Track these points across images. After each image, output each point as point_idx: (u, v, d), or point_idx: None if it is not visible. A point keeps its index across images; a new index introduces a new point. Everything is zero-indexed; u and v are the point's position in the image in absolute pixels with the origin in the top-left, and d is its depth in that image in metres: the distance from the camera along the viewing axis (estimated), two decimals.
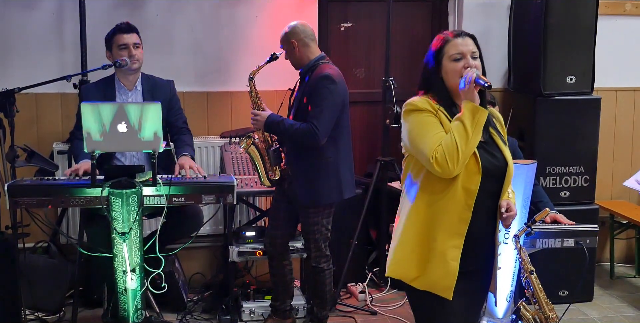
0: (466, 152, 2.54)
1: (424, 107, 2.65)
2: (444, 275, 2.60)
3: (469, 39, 2.69)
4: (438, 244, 2.61)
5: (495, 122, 2.79)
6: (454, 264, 2.59)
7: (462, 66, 2.63)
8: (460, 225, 2.60)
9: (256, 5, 4.93)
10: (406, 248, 2.68)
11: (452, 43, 2.67)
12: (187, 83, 4.81)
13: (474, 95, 2.58)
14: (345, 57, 5.34)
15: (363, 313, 4.61)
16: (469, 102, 2.58)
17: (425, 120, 2.64)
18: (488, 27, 5.17)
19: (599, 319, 4.58)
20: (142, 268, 3.60)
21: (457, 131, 2.55)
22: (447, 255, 2.59)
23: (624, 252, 5.57)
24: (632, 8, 5.35)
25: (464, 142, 2.53)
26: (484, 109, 2.59)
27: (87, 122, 3.42)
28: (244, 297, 4.52)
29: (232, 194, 3.67)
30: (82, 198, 3.54)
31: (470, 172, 2.59)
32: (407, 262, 2.67)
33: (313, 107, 3.88)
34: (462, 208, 2.59)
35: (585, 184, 4.81)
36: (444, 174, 2.56)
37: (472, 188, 2.59)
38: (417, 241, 2.65)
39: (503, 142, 2.74)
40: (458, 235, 2.60)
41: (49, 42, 4.70)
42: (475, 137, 2.56)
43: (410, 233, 2.67)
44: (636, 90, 5.49)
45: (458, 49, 2.65)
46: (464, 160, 2.55)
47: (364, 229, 4.96)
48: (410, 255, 2.66)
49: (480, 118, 2.57)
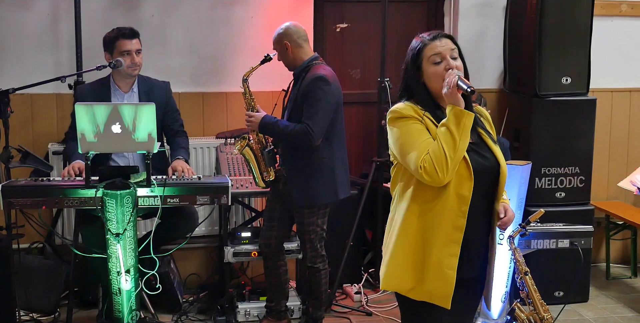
0: (455, 158, 2.47)
1: (409, 114, 2.57)
2: (441, 284, 2.54)
3: (445, 39, 2.60)
4: (434, 253, 2.54)
5: (484, 121, 2.72)
6: (451, 273, 2.53)
7: (444, 68, 2.55)
8: (455, 233, 2.53)
9: (252, 6, 4.93)
10: (399, 259, 2.61)
11: (430, 46, 2.59)
12: (182, 83, 4.81)
13: (458, 98, 2.49)
14: (341, 57, 5.34)
15: (358, 314, 4.61)
16: (453, 106, 2.48)
17: (411, 128, 2.55)
18: (484, 28, 5.17)
19: (595, 320, 4.58)
20: (137, 269, 3.61)
21: (444, 138, 2.47)
22: (444, 264, 2.53)
23: (620, 252, 5.57)
24: (627, 9, 5.35)
25: (451, 149, 2.45)
26: (470, 111, 2.50)
27: (82, 123, 3.43)
28: (239, 298, 4.51)
29: (227, 195, 3.68)
30: (77, 199, 3.55)
31: (462, 177, 2.51)
32: (402, 273, 2.60)
33: (307, 108, 3.87)
34: (455, 215, 2.52)
35: (580, 185, 4.81)
36: (434, 183, 2.49)
37: (465, 194, 2.52)
38: (412, 251, 2.58)
39: (493, 141, 2.66)
40: (454, 243, 2.53)
41: (44, 42, 4.69)
42: (463, 143, 2.48)
43: (404, 244, 2.59)
44: (632, 91, 5.49)
45: (436, 51, 2.57)
46: (453, 167, 2.47)
47: (360, 230, 4.96)
48: (405, 266, 2.59)
49: (466, 122, 2.48)
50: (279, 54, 4.05)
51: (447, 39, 2.61)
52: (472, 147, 2.58)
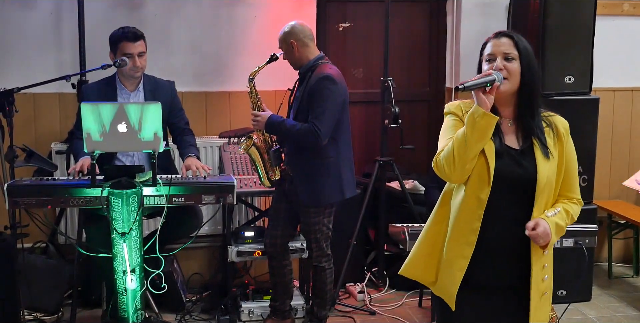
0: (463, 156, 2.44)
1: (452, 111, 2.59)
2: (448, 283, 2.58)
3: (505, 38, 2.52)
4: (448, 252, 2.58)
5: (549, 131, 2.57)
6: (459, 274, 2.54)
7: (490, 67, 2.50)
8: (469, 235, 2.52)
9: (255, 5, 4.93)
10: (424, 251, 2.68)
11: (489, 44, 2.54)
12: (186, 83, 4.80)
13: (480, 98, 2.42)
14: (344, 57, 5.34)
15: (362, 313, 4.61)
16: (476, 106, 2.43)
17: (448, 124, 2.58)
18: (486, 27, 5.15)
19: (598, 319, 4.59)
20: (142, 268, 3.60)
21: (457, 136, 2.47)
22: (454, 265, 2.55)
23: (622, 251, 5.57)
24: (630, 8, 5.36)
25: (460, 148, 2.44)
26: (489, 114, 2.41)
27: (87, 122, 3.42)
28: (242, 297, 4.51)
29: (232, 194, 3.68)
30: (82, 198, 3.54)
31: (481, 180, 2.49)
32: (424, 265, 2.67)
33: (314, 108, 3.87)
34: (472, 217, 2.51)
35: (583, 184, 4.80)
36: (444, 178, 2.54)
37: (482, 198, 2.49)
38: (436, 247, 2.64)
39: (545, 154, 2.52)
40: (468, 245, 2.53)
41: (47, 42, 4.69)
42: (474, 142, 2.43)
43: (432, 238, 2.66)
44: (634, 90, 5.50)
45: (490, 50, 2.52)
46: (461, 165, 2.45)
47: (363, 229, 4.96)
48: (428, 260, 2.66)
49: (482, 123, 2.41)
50: (285, 52, 4.04)
51: (507, 38, 2.53)
52: (511, 153, 2.53)
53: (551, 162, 2.54)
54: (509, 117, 2.58)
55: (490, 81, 2.42)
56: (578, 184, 2.68)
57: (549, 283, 2.65)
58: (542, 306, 2.61)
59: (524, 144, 2.55)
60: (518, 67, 2.51)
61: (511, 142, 2.57)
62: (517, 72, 2.50)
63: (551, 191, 2.57)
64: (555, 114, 2.66)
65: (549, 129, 2.59)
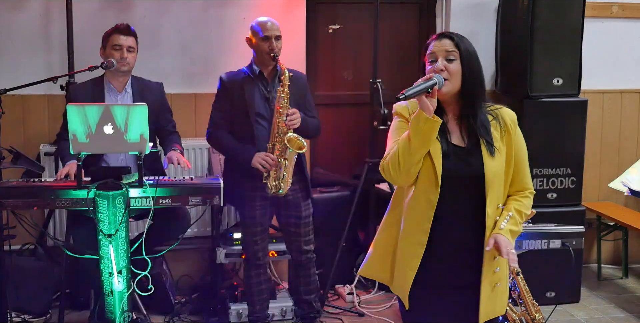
0: (409, 160, 2.45)
1: (398, 112, 2.61)
2: (402, 282, 2.62)
3: (446, 39, 2.55)
4: (400, 252, 2.62)
5: (495, 124, 2.60)
6: (410, 273, 2.58)
7: (432, 69, 2.53)
8: (420, 236, 2.55)
9: (244, 7, 4.93)
10: (379, 251, 2.72)
11: (431, 45, 2.56)
12: (175, 85, 4.80)
13: (423, 102, 2.39)
14: (333, 59, 5.35)
15: (351, 314, 4.61)
16: (419, 111, 2.41)
17: (394, 126, 2.60)
18: (475, 29, 5.17)
19: (586, 320, 4.60)
20: (129, 270, 3.60)
21: (401, 140, 2.48)
22: (407, 265, 2.59)
23: (611, 253, 5.59)
24: (618, 10, 5.37)
25: (405, 151, 2.44)
26: (432, 119, 2.39)
27: (73, 124, 3.41)
28: (231, 299, 4.50)
29: (219, 196, 3.67)
30: (69, 200, 3.53)
31: (430, 182, 2.51)
32: (381, 266, 2.70)
33: (309, 103, 4.01)
34: (423, 218, 2.54)
35: (572, 186, 4.82)
36: (391, 181, 2.57)
37: (431, 199, 2.52)
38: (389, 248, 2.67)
39: (489, 151, 2.54)
40: (419, 245, 2.56)
41: (35, 43, 4.68)
42: (418, 146, 2.43)
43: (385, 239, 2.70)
44: (623, 92, 5.51)
45: (431, 50, 2.56)
46: (406, 168, 2.47)
47: (352, 231, 4.95)
48: (384, 260, 2.69)
49: (424, 127, 2.40)
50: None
51: (448, 39, 2.56)
52: (457, 152, 2.55)
53: (497, 157, 2.56)
54: (454, 114, 2.61)
55: (431, 86, 2.41)
56: (529, 174, 2.70)
57: (501, 274, 2.66)
58: (494, 296, 2.64)
59: (470, 142, 2.57)
60: (459, 68, 2.53)
61: (457, 140, 2.59)
62: (458, 73, 2.53)
63: (501, 185, 2.59)
64: (503, 105, 2.69)
65: (496, 121, 2.61)
